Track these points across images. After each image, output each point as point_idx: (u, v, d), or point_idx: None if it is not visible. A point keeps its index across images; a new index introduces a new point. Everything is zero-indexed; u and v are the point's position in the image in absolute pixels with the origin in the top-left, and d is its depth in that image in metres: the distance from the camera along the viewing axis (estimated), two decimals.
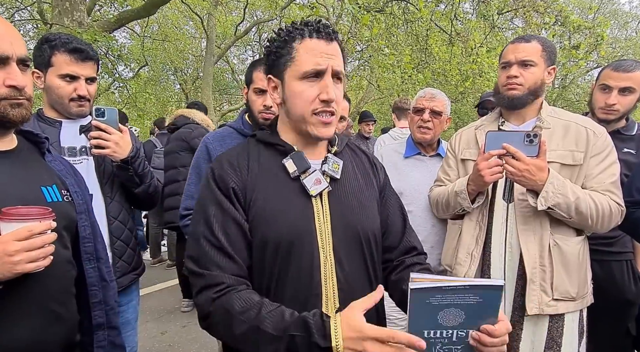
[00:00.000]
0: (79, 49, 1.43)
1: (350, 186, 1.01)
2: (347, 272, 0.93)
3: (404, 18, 6.54)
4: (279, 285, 0.90)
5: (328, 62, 0.91)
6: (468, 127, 1.70)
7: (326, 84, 0.91)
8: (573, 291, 1.40)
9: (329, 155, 1.00)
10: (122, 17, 5.59)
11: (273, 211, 0.92)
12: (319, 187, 0.94)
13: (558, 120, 1.47)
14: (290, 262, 0.90)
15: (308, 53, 0.91)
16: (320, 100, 0.91)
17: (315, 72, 0.91)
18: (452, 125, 14.01)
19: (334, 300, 0.91)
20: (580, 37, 6.52)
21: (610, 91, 1.74)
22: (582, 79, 15.62)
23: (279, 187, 0.95)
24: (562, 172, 1.39)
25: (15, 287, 0.85)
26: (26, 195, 0.92)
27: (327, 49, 0.92)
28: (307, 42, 0.92)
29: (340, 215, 0.95)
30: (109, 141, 1.42)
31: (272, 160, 0.98)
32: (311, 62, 0.90)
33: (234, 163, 0.97)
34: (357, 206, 0.99)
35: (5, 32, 0.88)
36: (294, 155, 0.96)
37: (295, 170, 0.95)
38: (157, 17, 12.95)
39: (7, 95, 0.88)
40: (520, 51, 1.45)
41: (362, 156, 1.12)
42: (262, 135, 1.03)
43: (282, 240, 0.90)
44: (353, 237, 0.96)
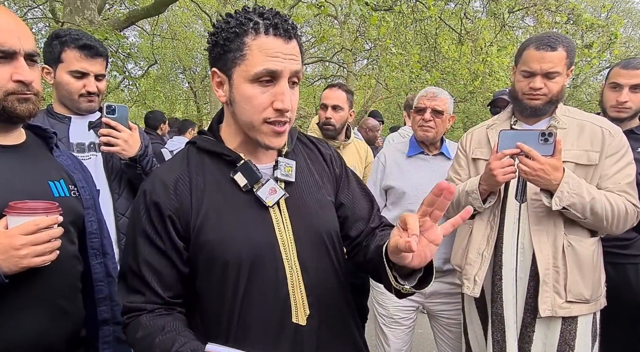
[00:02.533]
0: (89, 45, 1.43)
1: (307, 186, 0.94)
2: (314, 277, 0.89)
3: (412, 17, 6.49)
4: (244, 304, 0.84)
5: (285, 65, 0.79)
6: (479, 126, 1.67)
7: (282, 90, 0.80)
8: (587, 293, 1.37)
9: (279, 159, 0.91)
10: (132, 16, 5.64)
11: (229, 229, 0.84)
12: (275, 196, 0.87)
13: (573, 120, 1.44)
14: (254, 279, 0.84)
15: (262, 52, 0.78)
16: (274, 109, 0.81)
17: (269, 74, 0.79)
18: (461, 125, 13.90)
19: (303, 308, 0.87)
20: (593, 36, 6.41)
21: (621, 89, 1.73)
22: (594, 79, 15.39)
23: (232, 202, 0.86)
24: (577, 172, 1.36)
25: (22, 281, 0.85)
26: (34, 189, 0.92)
27: (284, 48, 0.80)
28: (262, 39, 0.79)
29: (301, 220, 0.89)
30: (118, 139, 1.42)
31: (219, 173, 0.88)
32: (265, 63, 0.78)
33: (170, 184, 0.85)
34: (316, 205, 0.93)
35: (13, 27, 0.88)
36: (242, 168, 0.87)
37: (247, 183, 0.86)
38: (166, 16, 13.04)
39: (15, 90, 0.88)
40: (547, 62, 1.39)
41: (314, 149, 1.03)
42: (203, 143, 0.91)
43: (242, 259, 0.83)
44: (317, 240, 0.91)
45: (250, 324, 0.84)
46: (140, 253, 0.85)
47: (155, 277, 0.84)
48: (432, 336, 2.00)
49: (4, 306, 0.86)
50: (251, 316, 0.84)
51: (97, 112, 1.58)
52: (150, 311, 0.84)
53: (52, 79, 1.46)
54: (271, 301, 0.85)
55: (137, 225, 0.86)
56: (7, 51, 0.86)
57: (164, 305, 0.85)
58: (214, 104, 10.98)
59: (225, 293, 0.84)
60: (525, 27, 8.41)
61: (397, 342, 1.85)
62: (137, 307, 0.85)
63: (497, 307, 1.45)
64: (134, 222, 0.87)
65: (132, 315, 0.85)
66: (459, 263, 1.60)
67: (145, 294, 0.84)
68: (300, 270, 0.88)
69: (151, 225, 0.84)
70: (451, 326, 1.84)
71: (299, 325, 0.86)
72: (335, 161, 1.04)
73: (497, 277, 1.46)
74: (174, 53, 14.00)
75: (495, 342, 1.45)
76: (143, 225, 0.85)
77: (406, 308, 1.85)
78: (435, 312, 1.87)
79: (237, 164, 0.88)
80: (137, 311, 0.85)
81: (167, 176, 0.87)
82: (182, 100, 16.48)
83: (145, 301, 0.84)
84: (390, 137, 3.56)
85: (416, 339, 2.06)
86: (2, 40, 0.85)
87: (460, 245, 1.61)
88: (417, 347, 3.01)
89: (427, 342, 3.14)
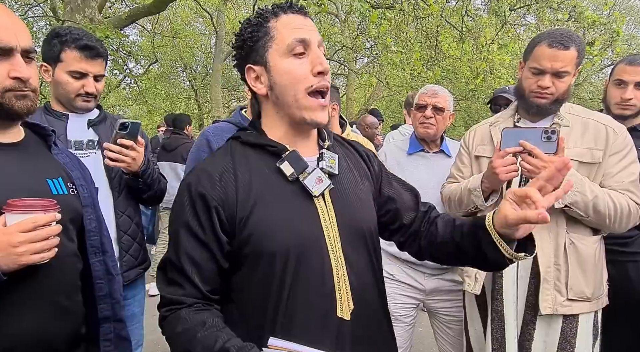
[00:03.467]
0: (90, 46, 1.43)
1: (348, 181, 0.95)
2: (357, 272, 0.89)
3: (414, 14, 6.47)
4: (290, 296, 0.84)
5: (311, 34, 0.86)
6: (482, 124, 1.67)
7: (317, 55, 0.85)
8: (589, 292, 1.37)
9: (324, 151, 0.92)
10: (133, 14, 5.64)
11: (276, 220, 0.84)
12: (321, 186, 0.87)
13: (577, 118, 1.43)
14: (300, 271, 0.84)
15: (286, 27, 0.85)
16: (316, 73, 0.84)
17: (301, 42, 0.84)
18: (462, 123, 13.87)
19: (347, 302, 0.87)
20: (595, 33, 6.38)
21: (626, 86, 1.71)
22: (595, 77, 15.33)
23: (278, 193, 0.86)
24: (580, 170, 1.36)
25: (21, 279, 0.85)
26: (32, 187, 0.92)
27: (305, 21, 0.87)
28: (284, 18, 0.86)
29: (344, 212, 0.90)
30: (126, 157, 1.41)
31: (263, 165, 0.89)
32: (294, 34, 0.84)
33: (216, 175, 0.86)
34: (357, 200, 0.94)
35: (10, 24, 0.88)
36: (289, 156, 0.87)
37: (293, 172, 0.86)
38: (167, 14, 13.03)
39: (12, 87, 0.88)
40: (558, 61, 1.36)
41: (350, 148, 1.05)
42: (247, 137, 0.93)
43: (289, 250, 0.83)
44: (358, 234, 0.92)
45: (296, 317, 0.83)
46: (182, 246, 0.85)
47: (196, 270, 0.84)
48: (432, 333, 2.00)
49: (4, 303, 0.86)
50: (296, 308, 0.83)
51: (96, 111, 1.58)
52: (189, 305, 0.84)
53: (50, 77, 1.46)
54: (317, 293, 0.85)
55: (180, 218, 0.86)
56: (4, 48, 0.86)
57: (203, 299, 0.85)
58: (214, 102, 10.97)
59: (271, 285, 0.84)
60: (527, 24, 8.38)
61: (398, 339, 1.84)
62: (176, 300, 0.84)
63: (496, 305, 1.45)
64: (177, 215, 0.87)
65: (172, 308, 0.84)
66: None
67: (185, 287, 0.84)
68: (345, 263, 0.88)
69: (195, 217, 0.84)
70: (451, 323, 1.84)
71: (344, 319, 0.85)
72: (373, 159, 1.06)
73: (498, 275, 1.46)
74: (175, 51, 14.01)
75: (494, 339, 1.45)
76: (187, 218, 0.85)
77: (406, 306, 1.85)
78: (435, 309, 1.87)
79: (282, 154, 0.88)
80: (176, 304, 0.84)
81: (211, 168, 0.88)
82: (182, 98, 16.49)
83: (185, 294, 0.84)
84: (390, 135, 3.55)
85: (416, 337, 2.06)
86: None
87: None
88: (417, 344, 3.01)
89: (427, 340, 3.14)
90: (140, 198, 1.62)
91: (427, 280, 1.83)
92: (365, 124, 4.36)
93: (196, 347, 0.78)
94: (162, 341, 0.83)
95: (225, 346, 0.76)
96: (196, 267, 0.84)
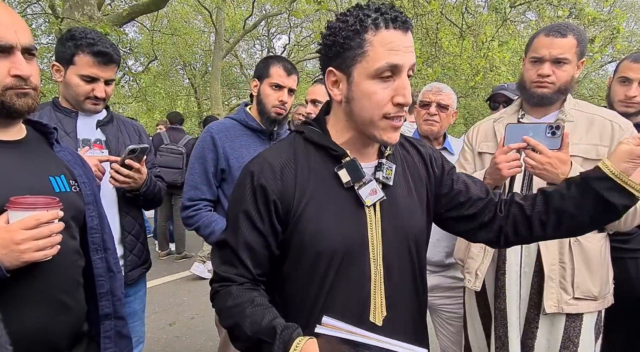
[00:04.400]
0: (104, 52, 1.43)
1: (401, 190, 0.95)
2: (395, 281, 0.91)
3: (414, 11, 6.46)
4: (329, 295, 0.88)
5: (405, 58, 0.80)
6: (486, 120, 1.65)
7: (403, 85, 0.81)
8: (595, 290, 1.35)
9: (383, 161, 0.93)
10: (132, 11, 5.62)
11: (327, 222, 0.87)
12: (375, 197, 0.89)
13: (582, 114, 1.41)
14: (342, 273, 0.87)
15: (383, 47, 0.79)
16: (396, 103, 0.82)
17: (391, 69, 0.80)
18: (462, 121, 13.87)
19: (381, 309, 0.90)
20: (595, 30, 6.37)
21: (630, 83, 1.69)
22: (595, 74, 15.31)
23: (332, 195, 0.89)
24: (585, 166, 1.31)
25: (23, 276, 0.85)
26: (34, 185, 0.92)
27: (404, 40, 0.80)
28: (383, 33, 0.80)
29: (391, 222, 0.92)
30: (130, 179, 1.46)
31: (323, 166, 0.90)
32: (387, 58, 0.79)
33: (277, 168, 0.88)
34: (407, 211, 0.94)
35: (10, 21, 0.87)
36: (347, 164, 0.89)
37: (349, 181, 0.88)
38: (166, 11, 13.00)
39: (13, 85, 0.88)
40: (555, 47, 1.36)
41: (412, 151, 1.03)
42: (311, 135, 0.93)
43: (336, 252, 0.86)
44: (401, 243, 0.93)
45: (334, 314, 0.85)
46: (240, 230, 0.89)
47: (249, 254, 0.89)
48: (432, 330, 2.01)
49: (6, 300, 0.85)
50: (333, 307, 0.87)
51: (104, 112, 1.60)
52: (239, 284, 0.89)
53: (61, 77, 1.46)
54: (354, 296, 0.88)
55: (241, 203, 0.89)
56: (4, 46, 0.86)
57: (252, 280, 0.90)
58: (214, 99, 10.95)
59: (312, 282, 0.88)
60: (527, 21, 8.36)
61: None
62: (228, 277, 0.89)
63: (500, 303, 1.44)
64: (239, 200, 0.90)
65: (223, 284, 0.90)
66: (461, 257, 1.59)
67: (238, 267, 0.89)
68: (383, 271, 0.90)
69: (255, 206, 0.88)
70: (452, 320, 1.84)
71: (375, 324, 0.88)
72: (436, 161, 1.04)
73: (501, 272, 1.44)
74: (174, 49, 13.97)
75: (497, 337, 1.44)
76: (247, 205, 0.88)
77: None
78: (436, 306, 1.87)
79: (342, 159, 0.90)
80: (228, 281, 0.89)
81: (274, 160, 0.90)
82: (182, 96, 16.46)
83: (237, 274, 0.89)
84: None
85: None
86: None
87: (464, 239, 1.61)
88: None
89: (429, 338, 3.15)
90: (137, 205, 1.65)
91: (428, 277, 1.82)
92: None
93: (244, 321, 0.82)
94: (163, 339, 0.84)
95: (272, 324, 0.80)
96: (250, 252, 0.89)
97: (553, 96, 1.40)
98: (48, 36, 10.15)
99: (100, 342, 1.07)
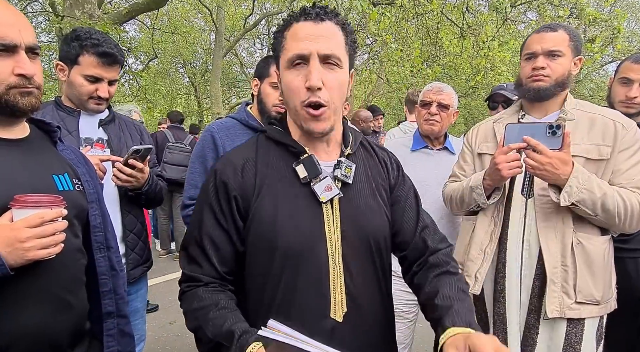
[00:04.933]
0: (109, 53, 1.44)
1: (362, 190, 0.96)
2: (356, 279, 0.91)
3: (414, 11, 6.45)
4: (286, 292, 0.88)
5: (311, 46, 0.83)
6: (486, 121, 1.63)
7: (310, 70, 0.84)
8: (598, 295, 1.31)
9: (342, 159, 0.94)
10: (132, 10, 5.61)
11: (282, 217, 0.88)
12: (330, 193, 0.90)
13: (583, 113, 1.39)
14: (300, 270, 0.88)
15: (293, 38, 0.85)
16: (306, 88, 0.85)
17: (298, 58, 0.84)
18: (462, 120, 13.86)
19: (341, 305, 0.89)
20: (596, 30, 6.36)
21: (631, 84, 1.69)
22: (596, 74, 15.30)
23: (290, 192, 0.91)
24: (587, 167, 1.30)
25: (27, 274, 0.86)
26: (38, 183, 0.92)
27: (314, 30, 0.84)
28: (294, 26, 0.86)
29: (351, 221, 0.92)
30: (133, 178, 1.48)
31: (282, 162, 0.93)
32: (294, 47, 0.84)
33: (239, 166, 0.93)
34: (367, 210, 0.95)
35: (14, 20, 0.87)
36: (305, 160, 0.91)
37: (306, 176, 0.90)
38: (166, 10, 12.98)
39: (17, 84, 0.88)
40: (547, 41, 1.36)
41: (374, 155, 1.05)
42: (273, 133, 0.98)
43: (291, 247, 0.87)
44: (362, 244, 0.93)
45: (290, 313, 0.87)
46: (205, 226, 0.91)
47: (214, 250, 0.90)
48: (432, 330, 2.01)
49: (9, 298, 0.86)
50: (291, 305, 0.87)
51: (106, 111, 1.60)
52: (205, 284, 0.89)
53: (65, 77, 1.47)
54: (312, 293, 0.88)
55: (205, 201, 0.93)
56: (8, 45, 0.86)
57: (219, 279, 0.91)
58: (214, 98, 10.95)
59: (270, 278, 0.89)
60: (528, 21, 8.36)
61: (399, 335, 1.84)
62: (195, 276, 0.90)
63: (499, 307, 1.41)
64: (203, 198, 0.94)
65: (190, 284, 0.91)
66: (460, 260, 1.56)
67: (203, 266, 0.90)
68: (343, 268, 0.90)
69: (218, 202, 0.91)
70: None
71: (336, 321, 0.88)
72: (392, 171, 1.05)
73: (501, 275, 1.41)
74: (174, 47, 13.96)
75: None
76: (211, 201, 0.92)
77: (409, 302, 1.86)
78: None
79: (300, 156, 0.92)
80: (195, 281, 0.90)
81: (237, 158, 0.94)
82: (182, 94, 16.45)
83: (203, 273, 0.90)
84: (391, 132, 3.54)
85: (417, 333, 2.07)
86: (3, 33, 0.85)
87: (463, 241, 1.58)
88: (417, 341, 3.02)
89: (427, 337, 3.16)
90: (139, 204, 1.66)
91: None
92: (360, 119, 4.38)
93: (207, 324, 0.83)
94: (164, 337, 0.84)
95: (232, 328, 0.81)
96: (215, 247, 0.90)
97: (550, 89, 1.38)
98: (48, 34, 10.14)
99: (103, 341, 1.07)
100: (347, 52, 0.89)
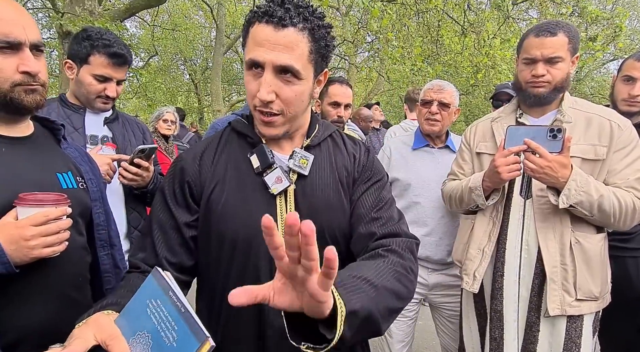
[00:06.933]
0: (119, 54, 1.45)
1: (321, 183, 0.92)
2: None
3: (415, 8, 6.43)
4: (238, 283, 0.81)
5: (266, 55, 0.78)
6: (484, 119, 1.64)
7: (262, 81, 0.80)
8: (596, 291, 1.34)
9: (296, 150, 0.91)
10: (133, 6, 5.59)
11: (233, 206, 0.86)
12: (280, 185, 0.87)
13: (580, 113, 1.40)
14: (248, 261, 0.85)
15: (252, 39, 0.81)
16: (258, 97, 0.82)
17: (253, 64, 0.80)
18: (463, 118, 13.84)
19: None
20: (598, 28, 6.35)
21: (634, 82, 1.68)
22: (597, 72, 15.27)
23: (243, 181, 0.89)
24: (583, 167, 1.32)
25: (32, 272, 0.86)
26: (42, 181, 0.93)
27: (272, 37, 0.78)
28: (255, 27, 0.80)
29: (306, 215, 0.86)
30: (138, 177, 1.49)
31: (240, 152, 0.93)
32: (251, 51, 0.80)
33: (198, 154, 0.93)
34: (324, 204, 0.90)
35: (18, 18, 0.87)
36: (257, 150, 0.90)
37: (259, 166, 0.88)
38: (167, 7, 12.95)
39: (21, 81, 0.88)
40: (547, 47, 1.36)
41: (342, 147, 1.01)
42: (236, 124, 0.97)
43: (238, 238, 0.85)
44: (318, 237, 0.88)
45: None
46: (155, 209, 0.91)
47: (161, 236, 0.89)
48: (433, 327, 2.02)
49: (14, 295, 0.87)
50: None
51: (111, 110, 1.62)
52: (142, 271, 0.86)
53: (73, 75, 1.48)
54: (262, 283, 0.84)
55: (162, 185, 0.93)
56: (13, 42, 0.86)
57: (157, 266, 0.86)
58: (214, 95, 10.93)
59: (219, 269, 0.88)
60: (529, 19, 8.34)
61: (399, 333, 1.87)
62: (134, 263, 0.89)
63: (496, 304, 1.43)
64: (163, 183, 0.94)
65: (130, 270, 0.89)
66: (459, 258, 1.59)
67: (146, 250, 0.89)
68: None
69: (171, 186, 0.91)
70: (453, 317, 1.86)
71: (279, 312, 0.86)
72: (358, 165, 0.99)
73: (499, 274, 1.43)
74: (175, 44, 13.92)
75: (492, 339, 1.43)
76: (165, 185, 0.92)
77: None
78: (437, 303, 1.89)
79: (256, 146, 0.92)
80: (134, 268, 0.88)
81: (199, 147, 0.95)
82: (182, 92, 16.42)
83: (142, 259, 0.88)
84: (392, 130, 3.54)
85: (417, 331, 2.08)
86: (7, 31, 0.85)
87: (461, 240, 1.60)
88: (417, 338, 3.04)
89: (427, 334, 3.17)
90: (144, 201, 1.68)
91: (430, 275, 1.84)
92: (360, 118, 4.37)
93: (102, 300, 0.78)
94: None
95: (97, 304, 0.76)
96: (162, 231, 0.89)
97: (550, 95, 1.41)
98: (49, 31, 10.11)
99: None
100: (311, 61, 0.83)
